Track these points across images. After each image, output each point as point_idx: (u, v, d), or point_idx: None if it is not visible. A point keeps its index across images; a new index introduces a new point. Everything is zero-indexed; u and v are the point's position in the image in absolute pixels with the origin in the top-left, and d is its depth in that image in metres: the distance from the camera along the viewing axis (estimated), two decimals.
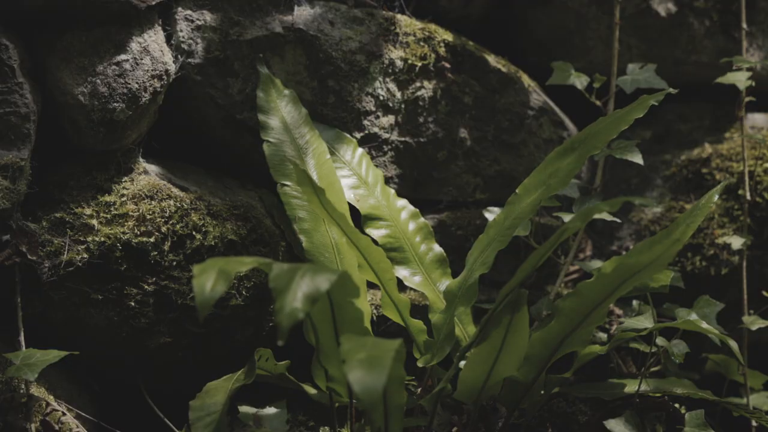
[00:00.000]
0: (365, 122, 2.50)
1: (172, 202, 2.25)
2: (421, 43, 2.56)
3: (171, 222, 2.23)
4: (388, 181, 2.52)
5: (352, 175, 2.42)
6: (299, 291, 1.58)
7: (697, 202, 2.07)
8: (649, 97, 2.17)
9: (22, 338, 2.12)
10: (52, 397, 2.14)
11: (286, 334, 1.53)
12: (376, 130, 2.51)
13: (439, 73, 2.57)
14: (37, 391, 2.12)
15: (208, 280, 1.59)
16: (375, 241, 2.30)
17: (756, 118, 2.85)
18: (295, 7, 2.45)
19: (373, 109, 2.51)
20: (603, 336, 2.49)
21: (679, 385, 2.30)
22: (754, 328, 2.46)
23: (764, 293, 2.59)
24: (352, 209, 2.35)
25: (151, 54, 2.23)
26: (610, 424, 2.20)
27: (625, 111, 2.18)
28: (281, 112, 2.36)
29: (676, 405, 2.42)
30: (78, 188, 2.20)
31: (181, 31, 2.33)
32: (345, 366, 1.55)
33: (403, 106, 2.53)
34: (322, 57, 2.45)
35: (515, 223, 2.17)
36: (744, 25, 2.72)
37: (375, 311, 2.41)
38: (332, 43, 2.47)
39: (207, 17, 2.36)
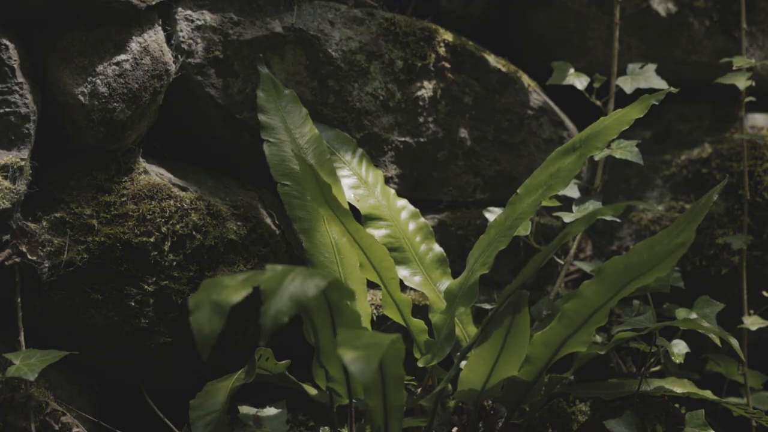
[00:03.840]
0: (365, 122, 2.50)
1: (172, 202, 2.25)
2: (421, 43, 2.56)
3: (171, 222, 2.23)
4: (388, 181, 2.52)
5: (352, 175, 2.42)
6: (286, 294, 1.58)
7: (697, 202, 2.07)
8: (650, 96, 2.17)
9: (22, 338, 2.12)
10: (52, 397, 2.14)
11: (268, 337, 1.54)
12: (376, 130, 2.51)
13: (439, 73, 2.57)
14: (37, 391, 2.12)
15: (204, 316, 1.58)
16: None
17: (756, 118, 2.85)
18: (295, 7, 2.45)
19: (373, 109, 2.50)
20: (603, 336, 2.49)
21: (679, 385, 2.30)
22: (754, 328, 2.46)
23: (764, 293, 2.59)
24: (352, 209, 2.35)
25: (151, 54, 2.23)
26: (610, 424, 2.20)
27: (625, 111, 2.18)
28: (281, 112, 2.36)
29: (676, 405, 2.42)
30: (78, 188, 2.20)
31: (181, 31, 2.33)
32: (340, 350, 1.56)
33: (403, 106, 2.53)
34: (322, 57, 2.45)
35: (516, 223, 2.17)
36: (744, 25, 2.71)
37: (375, 311, 2.41)
38: (332, 43, 2.47)
39: (207, 17, 2.36)
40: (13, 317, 2.13)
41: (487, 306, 2.46)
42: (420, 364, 2.26)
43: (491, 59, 2.65)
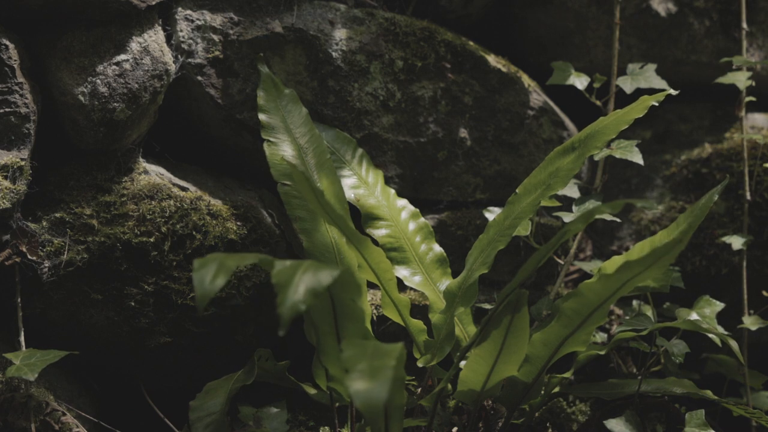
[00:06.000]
0: (365, 122, 2.50)
1: (172, 202, 2.25)
2: (421, 43, 2.56)
3: (171, 222, 2.23)
4: (388, 181, 2.52)
5: (352, 175, 2.42)
6: (301, 285, 1.59)
7: (698, 202, 2.07)
8: (649, 97, 2.17)
9: (22, 338, 2.12)
10: (52, 397, 2.15)
11: (287, 326, 1.54)
12: (376, 130, 2.51)
13: (439, 73, 2.57)
14: (37, 391, 2.12)
15: (208, 273, 1.60)
16: (375, 242, 2.30)
17: (756, 118, 2.85)
18: (295, 7, 2.45)
19: (373, 109, 2.51)
20: (603, 336, 2.49)
21: (679, 385, 2.30)
22: (754, 328, 2.46)
23: (764, 293, 2.59)
24: (353, 209, 2.35)
25: (151, 54, 2.23)
26: (610, 424, 2.20)
27: (625, 111, 2.18)
28: (281, 111, 2.36)
29: (676, 405, 2.42)
30: (78, 188, 2.21)
31: (181, 31, 2.33)
32: (347, 378, 1.55)
33: (403, 106, 2.53)
34: (322, 57, 2.46)
35: (515, 222, 2.17)
36: (744, 25, 2.72)
37: (375, 311, 2.41)
38: (332, 43, 2.47)
39: (207, 17, 2.36)
40: (13, 317, 2.13)
41: (487, 306, 2.46)
42: (420, 364, 2.26)
43: (491, 59, 2.65)
